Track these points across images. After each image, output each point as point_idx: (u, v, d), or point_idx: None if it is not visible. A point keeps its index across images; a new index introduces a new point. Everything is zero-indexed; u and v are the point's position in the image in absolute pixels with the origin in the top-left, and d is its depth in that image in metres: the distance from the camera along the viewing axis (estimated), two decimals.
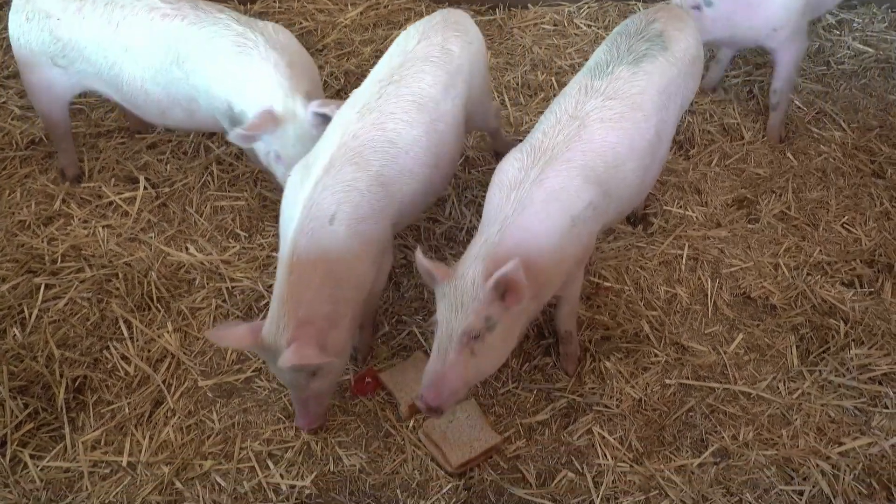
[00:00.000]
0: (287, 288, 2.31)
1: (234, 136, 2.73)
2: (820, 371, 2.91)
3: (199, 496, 2.55)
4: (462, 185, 3.55)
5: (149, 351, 2.91)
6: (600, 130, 2.57)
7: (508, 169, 2.53)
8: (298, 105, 2.78)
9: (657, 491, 2.59)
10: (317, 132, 2.72)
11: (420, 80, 2.69)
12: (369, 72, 2.82)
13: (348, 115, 2.60)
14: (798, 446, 2.69)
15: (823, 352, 2.97)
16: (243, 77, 2.83)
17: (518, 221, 2.40)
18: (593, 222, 2.58)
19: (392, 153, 2.57)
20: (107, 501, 2.54)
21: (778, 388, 2.87)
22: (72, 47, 3.01)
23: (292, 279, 2.31)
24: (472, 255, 2.37)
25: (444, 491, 2.57)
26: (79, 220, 3.34)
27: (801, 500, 2.56)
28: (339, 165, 2.46)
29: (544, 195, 2.44)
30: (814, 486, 2.58)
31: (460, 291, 2.28)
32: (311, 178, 2.44)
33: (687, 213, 3.46)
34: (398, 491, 2.59)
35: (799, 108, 3.96)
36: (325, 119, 2.71)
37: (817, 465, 2.63)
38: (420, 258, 2.34)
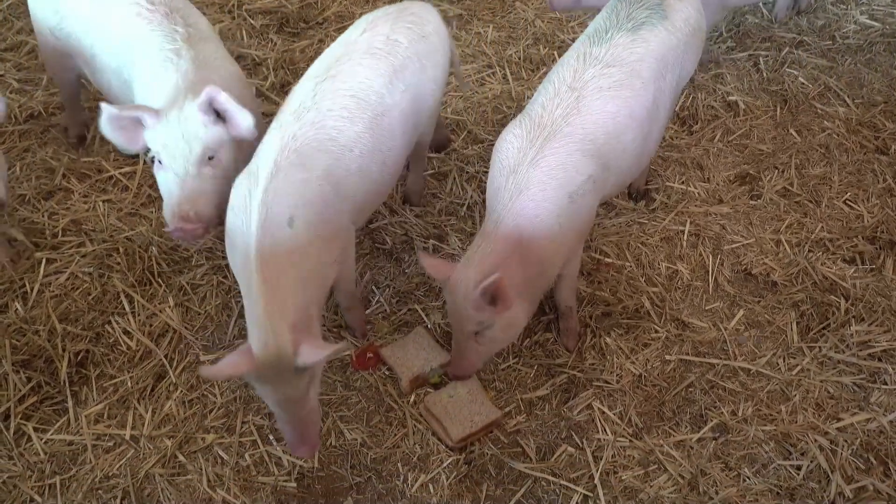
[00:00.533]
0: (265, 298, 2.16)
1: (103, 121, 2.48)
2: (820, 347, 2.92)
3: (201, 469, 2.57)
4: (463, 160, 3.53)
5: (150, 325, 2.92)
6: (599, 100, 2.56)
7: (508, 148, 2.54)
8: (188, 102, 2.49)
9: (656, 465, 2.61)
10: (209, 132, 2.48)
11: (356, 73, 2.54)
12: None
13: (285, 116, 2.45)
14: (797, 422, 2.71)
15: (824, 328, 2.98)
16: (155, 90, 2.66)
17: (515, 208, 2.44)
18: (592, 196, 2.58)
19: (336, 152, 2.43)
20: (110, 474, 2.56)
21: (778, 364, 2.88)
22: (66, 23, 2.97)
23: (267, 288, 2.17)
24: (468, 258, 2.44)
25: (445, 465, 2.59)
26: (79, 194, 3.33)
27: (798, 474, 2.58)
28: (285, 168, 2.32)
29: (541, 175, 2.45)
30: (812, 462, 2.60)
31: (456, 295, 2.41)
32: (259, 184, 2.28)
33: (689, 189, 3.44)
34: (399, 465, 2.61)
35: (803, 83, 3.93)
36: (218, 117, 2.50)
37: (815, 441, 2.65)
38: (423, 257, 2.48)
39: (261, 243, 2.22)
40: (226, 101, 2.44)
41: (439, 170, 3.50)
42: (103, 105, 2.48)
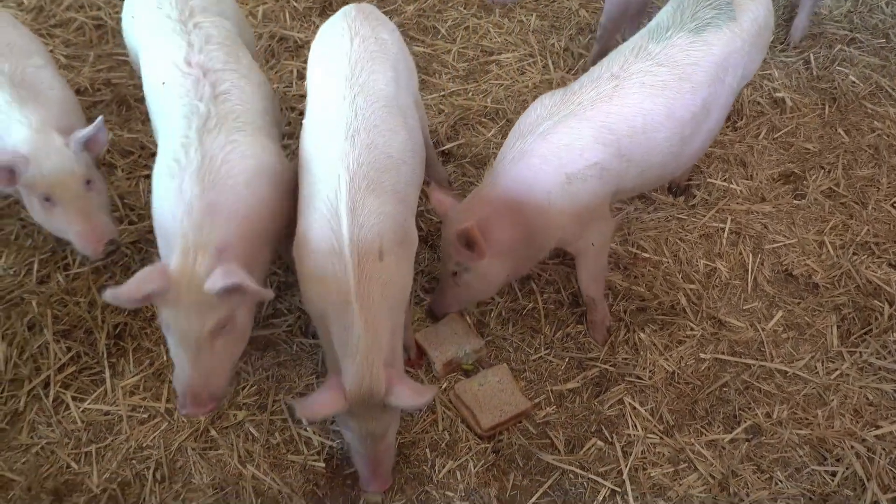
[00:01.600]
0: (365, 339, 2.13)
1: None
2: (860, 353, 2.85)
3: (232, 444, 2.61)
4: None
5: None
6: (637, 95, 2.54)
7: (530, 112, 2.62)
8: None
9: (686, 464, 2.58)
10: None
11: (376, 82, 2.48)
12: (410, 33, 2.75)
13: (340, 144, 2.32)
14: (833, 427, 2.66)
15: (865, 333, 2.91)
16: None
17: (513, 171, 2.50)
18: (599, 183, 2.55)
19: (393, 167, 2.37)
20: (144, 445, 2.61)
21: (816, 367, 2.82)
22: (133, 29, 2.94)
23: (367, 327, 2.14)
24: (463, 205, 2.55)
25: (473, 452, 2.59)
26: (122, 170, 3.38)
27: (833, 480, 2.53)
28: (362, 201, 2.25)
29: (545, 149, 2.49)
30: (847, 468, 2.55)
31: (446, 231, 2.53)
32: (342, 223, 2.20)
33: (731, 186, 3.38)
34: (427, 450, 2.61)
35: (854, 82, 3.83)
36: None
37: (852, 447, 2.59)
38: (433, 191, 2.62)
39: (359, 284, 2.16)
40: (242, 280, 2.15)
41: (476, 157, 3.49)
42: None
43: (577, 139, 2.49)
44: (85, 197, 2.65)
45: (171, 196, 2.27)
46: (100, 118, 2.63)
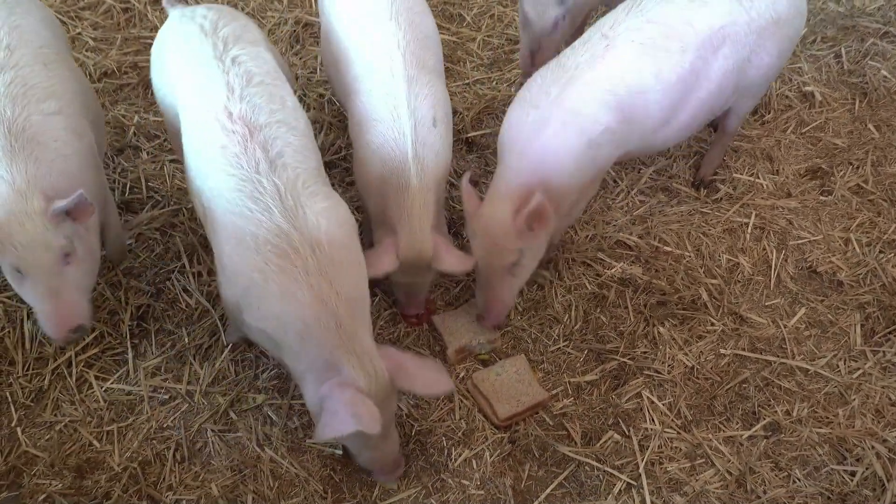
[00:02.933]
0: (419, 201, 2.49)
1: None
2: (884, 352, 2.81)
3: (251, 428, 2.64)
4: None
5: (209, 285, 2.99)
6: (627, 52, 2.53)
7: (530, 84, 2.61)
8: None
9: (703, 459, 2.57)
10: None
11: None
12: (436, 21, 2.72)
13: (385, 26, 2.66)
14: (854, 426, 2.63)
15: (889, 333, 2.87)
16: None
17: (536, 144, 2.49)
18: (611, 147, 2.57)
19: (431, 46, 2.79)
20: (165, 425, 2.65)
21: (838, 366, 2.79)
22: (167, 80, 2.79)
23: (421, 190, 2.50)
24: (497, 194, 2.52)
25: (489, 442, 2.60)
26: (147, 153, 3.41)
27: (852, 480, 2.51)
28: (415, 74, 2.59)
29: (562, 116, 2.48)
30: (867, 468, 2.53)
31: (492, 232, 2.48)
32: (400, 94, 2.55)
33: (757, 180, 3.34)
34: (443, 439, 2.62)
35: (886, 77, 3.76)
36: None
37: (872, 448, 2.57)
38: (465, 182, 2.62)
39: (414, 148, 2.51)
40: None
41: (491, 146, 3.47)
42: None
43: (586, 104, 2.50)
44: (58, 274, 2.33)
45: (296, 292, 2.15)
46: (79, 192, 2.26)
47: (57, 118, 2.46)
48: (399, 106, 2.54)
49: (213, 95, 2.36)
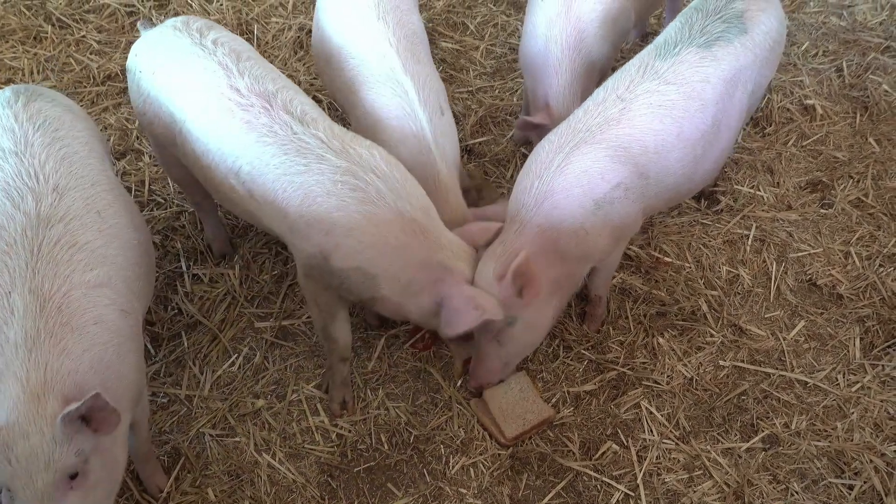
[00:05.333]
0: (446, 183, 2.63)
1: None
2: (883, 366, 2.82)
3: (249, 433, 2.64)
4: (527, 146, 3.50)
5: (211, 291, 2.99)
6: (646, 116, 2.46)
7: (539, 152, 2.51)
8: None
9: (701, 471, 2.57)
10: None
11: None
12: (439, 29, 2.77)
13: (374, 25, 2.73)
14: (852, 440, 2.63)
15: (889, 346, 2.87)
16: None
17: (540, 213, 2.40)
18: (626, 203, 2.47)
19: (420, 40, 2.87)
20: (163, 429, 2.64)
21: (837, 379, 2.79)
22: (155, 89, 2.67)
23: (449, 177, 2.65)
24: (489, 253, 2.43)
25: (488, 451, 2.60)
26: (149, 156, 3.42)
27: (850, 494, 2.50)
28: (412, 66, 2.69)
29: (565, 182, 2.40)
30: (865, 482, 2.52)
31: (480, 288, 2.38)
32: (407, 88, 2.63)
33: (757, 192, 3.35)
34: (441, 447, 2.62)
35: (887, 91, 3.77)
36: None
37: (871, 462, 2.57)
38: (475, 222, 2.57)
39: (435, 138, 2.61)
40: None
41: (496, 156, 3.48)
42: None
43: (593, 163, 2.41)
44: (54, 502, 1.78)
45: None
46: (93, 394, 1.75)
47: (102, 293, 1.99)
48: (409, 100, 2.60)
49: (211, 80, 2.37)
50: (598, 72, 3.08)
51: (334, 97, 2.95)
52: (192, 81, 2.40)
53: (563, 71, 2.97)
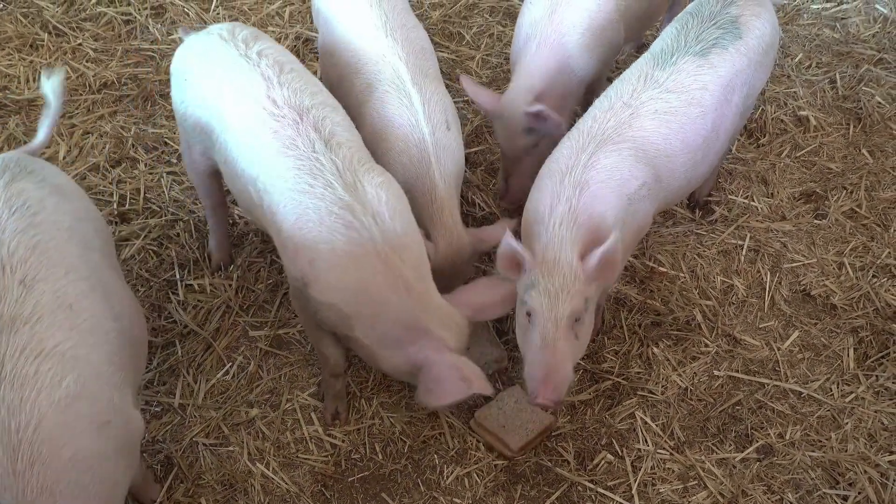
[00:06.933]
0: (445, 198, 2.63)
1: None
2: (877, 377, 2.82)
3: (243, 442, 2.62)
4: None
5: (205, 300, 2.98)
6: (653, 122, 2.52)
7: (559, 157, 2.51)
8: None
9: (696, 481, 2.57)
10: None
11: None
12: (435, 39, 2.78)
13: (383, 42, 2.77)
14: (846, 451, 2.63)
15: (882, 357, 2.88)
16: None
17: (581, 204, 2.38)
18: (648, 202, 2.55)
19: (427, 56, 2.93)
20: (157, 437, 2.63)
21: (831, 389, 2.80)
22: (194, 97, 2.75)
23: (446, 192, 2.64)
24: (558, 240, 2.33)
25: (482, 461, 2.59)
26: (145, 164, 3.42)
27: None
28: (421, 81, 2.72)
29: (598, 175, 2.42)
30: (859, 493, 2.53)
31: (557, 278, 2.28)
32: (413, 100, 2.66)
33: (751, 203, 3.36)
34: (436, 457, 2.62)
35: (880, 103, 3.79)
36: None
37: (865, 472, 2.57)
38: (508, 238, 2.34)
39: (435, 150, 2.62)
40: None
41: (491, 165, 3.49)
42: None
43: (621, 161, 2.44)
44: None
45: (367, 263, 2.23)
46: None
47: (77, 406, 1.76)
48: (415, 112, 2.63)
49: (251, 89, 2.41)
50: (579, 83, 3.06)
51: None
52: (235, 93, 2.43)
53: (533, 68, 2.94)
